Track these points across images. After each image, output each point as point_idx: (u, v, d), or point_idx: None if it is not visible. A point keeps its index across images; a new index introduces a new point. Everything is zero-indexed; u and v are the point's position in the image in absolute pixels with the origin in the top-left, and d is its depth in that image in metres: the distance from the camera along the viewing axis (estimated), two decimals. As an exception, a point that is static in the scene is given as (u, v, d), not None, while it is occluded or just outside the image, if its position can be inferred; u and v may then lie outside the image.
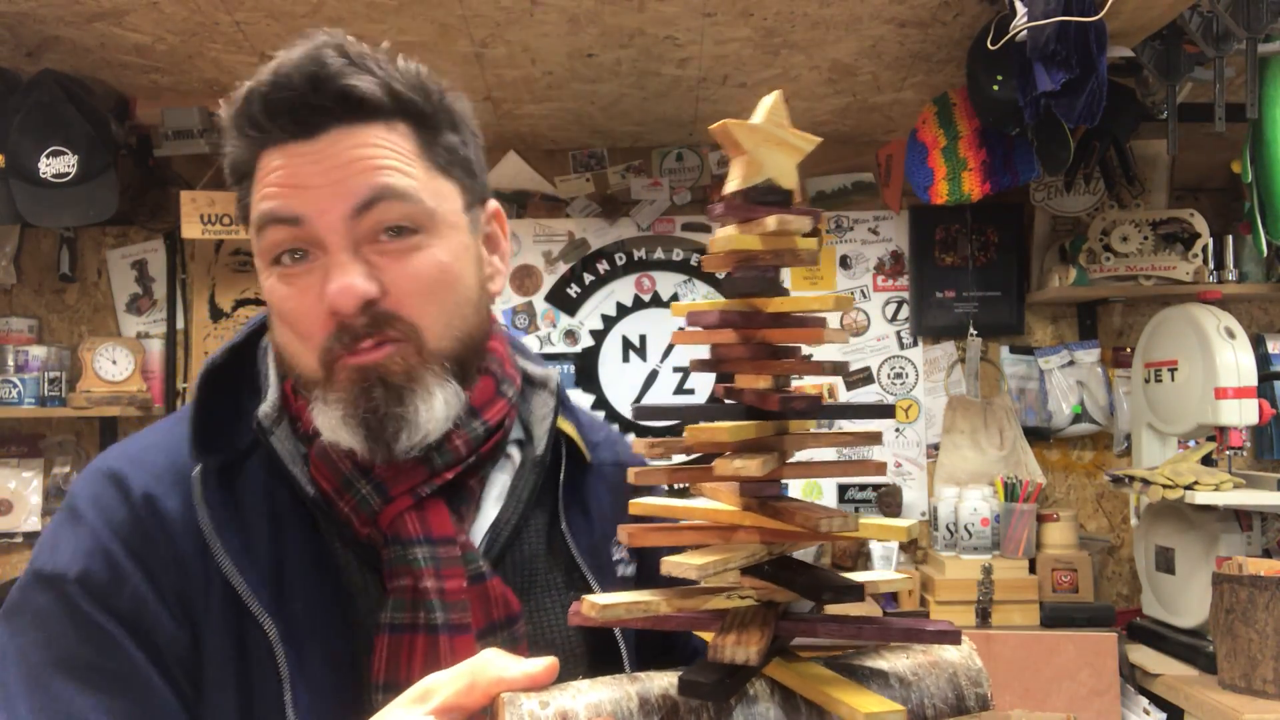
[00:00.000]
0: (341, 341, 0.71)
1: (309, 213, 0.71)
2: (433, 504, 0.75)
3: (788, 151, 0.56)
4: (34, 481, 2.84)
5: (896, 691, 0.54)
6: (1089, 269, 2.62)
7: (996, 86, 2.08)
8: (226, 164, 0.77)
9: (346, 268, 0.70)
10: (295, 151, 0.72)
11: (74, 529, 0.72)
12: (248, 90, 0.72)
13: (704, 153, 2.92)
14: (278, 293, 0.73)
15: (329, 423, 0.72)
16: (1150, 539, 2.46)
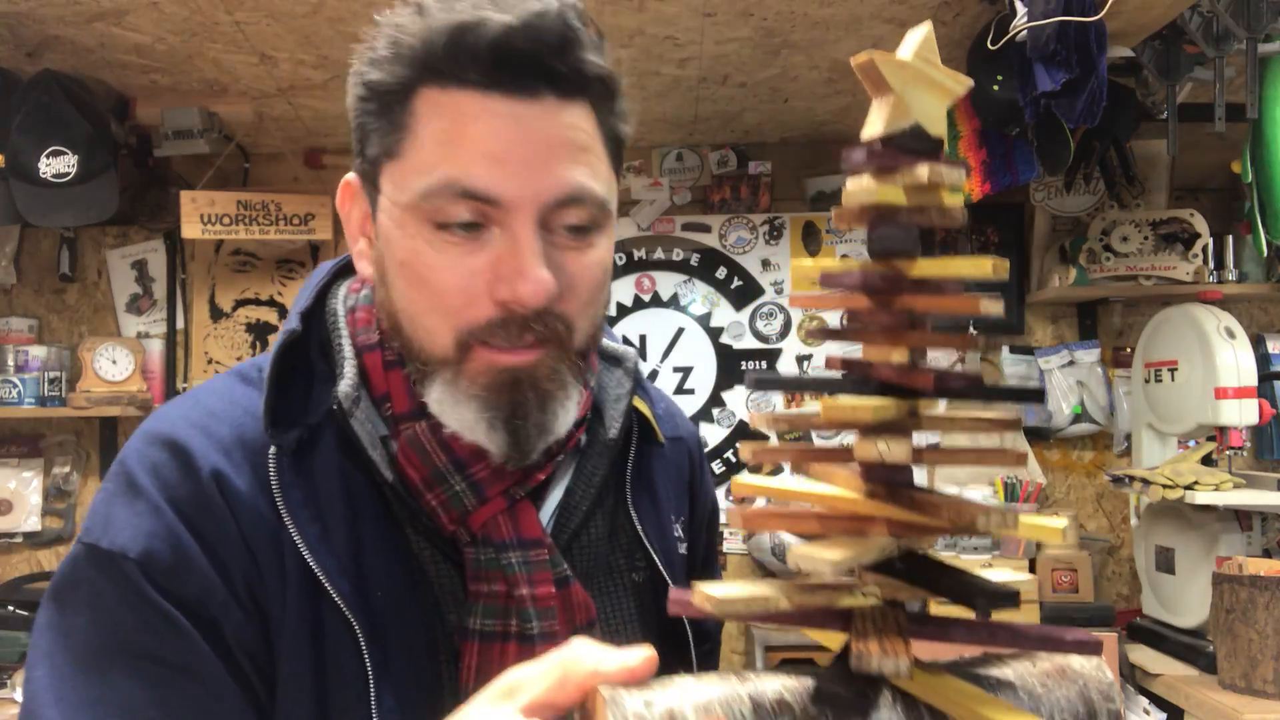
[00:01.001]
0: (506, 332, 0.66)
1: (509, 195, 0.64)
2: (523, 505, 0.72)
3: (938, 93, 0.47)
4: (34, 481, 2.84)
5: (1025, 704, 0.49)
6: (1089, 269, 2.62)
7: (996, 86, 2.08)
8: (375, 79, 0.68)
9: (539, 261, 0.65)
10: (502, 109, 0.65)
11: (132, 503, 0.65)
12: (473, 20, 0.63)
13: (704, 153, 2.92)
14: (427, 258, 0.66)
15: (464, 417, 0.67)
16: (1150, 539, 2.46)
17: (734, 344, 2.89)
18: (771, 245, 2.90)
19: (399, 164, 0.67)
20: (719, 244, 2.90)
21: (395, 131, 0.67)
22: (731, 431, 2.87)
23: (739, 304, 2.90)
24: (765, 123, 2.76)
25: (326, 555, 0.66)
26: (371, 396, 0.72)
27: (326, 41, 2.18)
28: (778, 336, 2.89)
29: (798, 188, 2.92)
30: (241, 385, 0.72)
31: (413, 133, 0.66)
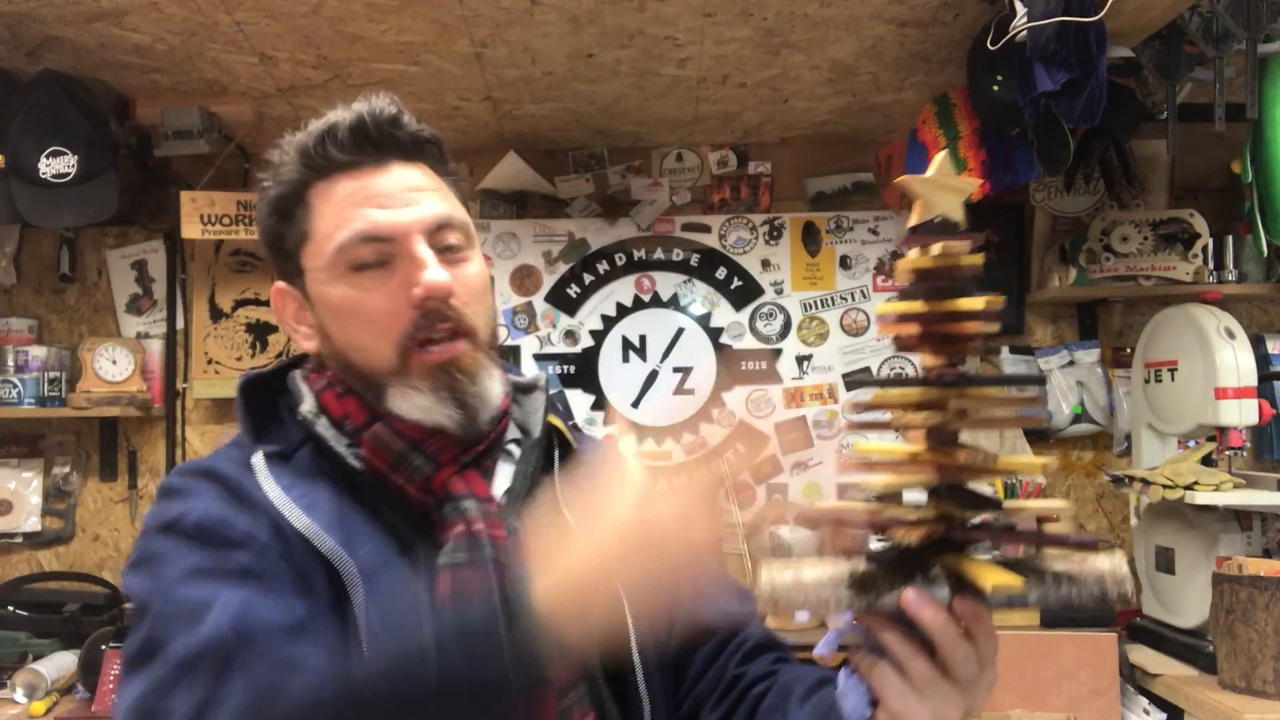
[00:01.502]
0: (423, 326, 0.87)
1: (398, 231, 0.88)
2: (470, 472, 0.91)
3: (953, 193, 0.75)
4: (34, 481, 2.84)
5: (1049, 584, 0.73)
6: (1089, 269, 2.62)
7: (996, 86, 2.08)
8: (275, 194, 0.93)
9: (436, 266, 0.88)
10: (370, 177, 0.90)
11: (179, 499, 0.84)
12: (331, 122, 0.91)
13: (704, 153, 2.92)
14: (352, 296, 0.89)
15: (422, 405, 0.88)
16: (1150, 539, 2.46)
17: (734, 344, 2.89)
18: (771, 245, 2.90)
19: (312, 241, 0.91)
20: (719, 244, 2.90)
21: (302, 223, 0.92)
22: (731, 431, 2.87)
23: (739, 304, 2.90)
24: (765, 123, 2.76)
25: (318, 516, 0.84)
26: (331, 419, 0.92)
27: (326, 41, 2.18)
28: (778, 336, 2.89)
29: (798, 188, 2.92)
30: (236, 447, 0.92)
31: (315, 217, 0.91)
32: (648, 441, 2.88)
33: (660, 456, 2.87)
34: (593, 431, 2.87)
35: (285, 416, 0.94)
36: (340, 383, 0.93)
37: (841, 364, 2.88)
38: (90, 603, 2.57)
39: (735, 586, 1.07)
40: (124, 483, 2.88)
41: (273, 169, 0.94)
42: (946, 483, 0.74)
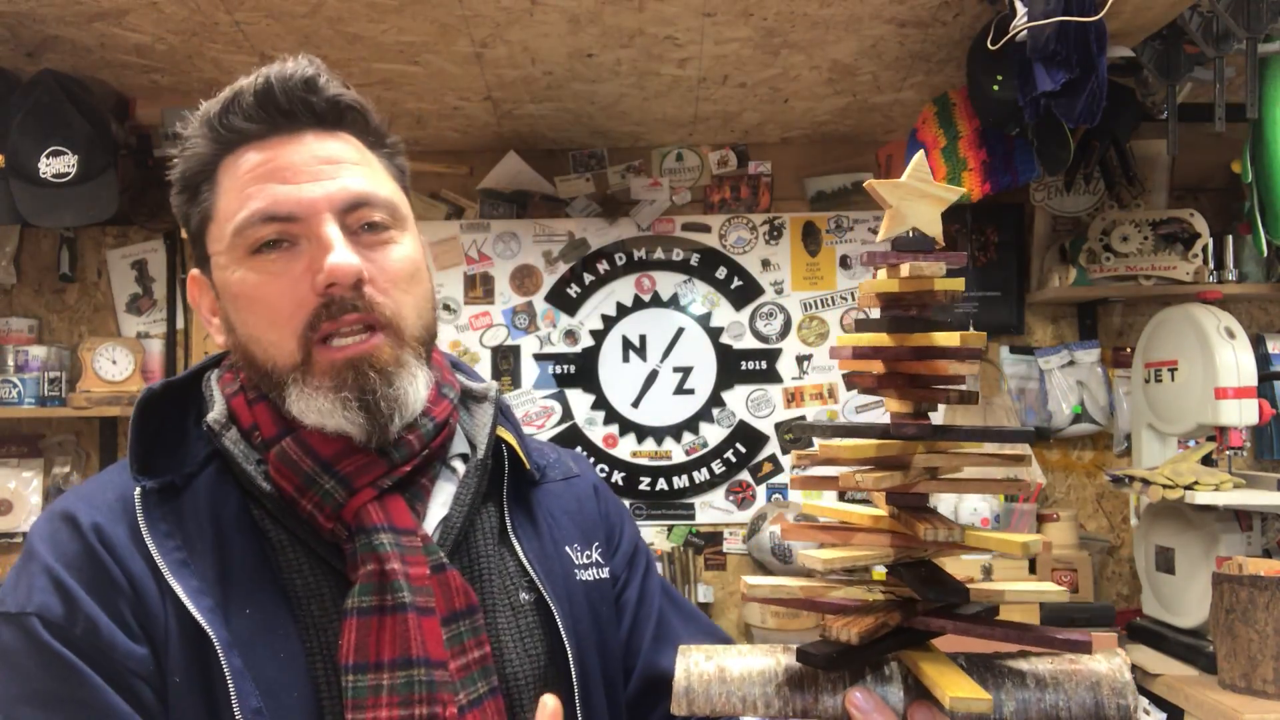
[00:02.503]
0: (327, 316, 0.76)
1: (301, 208, 0.77)
2: (392, 498, 0.79)
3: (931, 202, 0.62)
4: (34, 481, 2.84)
5: (1031, 691, 0.59)
6: (1089, 269, 2.62)
7: (996, 86, 2.08)
8: (182, 170, 0.82)
9: (342, 247, 0.76)
10: (279, 147, 0.79)
11: (31, 568, 0.75)
12: (236, 89, 0.81)
13: (704, 152, 2.92)
14: (251, 280, 0.78)
15: (321, 407, 0.76)
16: (1150, 539, 2.46)
17: (734, 344, 2.89)
18: (771, 245, 2.90)
19: (215, 223, 0.81)
20: (719, 244, 2.90)
21: (206, 200, 0.81)
22: (731, 431, 2.87)
23: (739, 304, 2.90)
24: (765, 123, 2.76)
25: (190, 577, 0.74)
26: (241, 430, 0.81)
27: (326, 41, 2.18)
28: (778, 336, 2.89)
29: (798, 188, 2.92)
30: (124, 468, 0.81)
31: (218, 194, 0.81)
32: (648, 441, 2.88)
33: (660, 456, 2.87)
34: (592, 434, 2.87)
35: (190, 430, 0.82)
36: (253, 386, 0.82)
37: (841, 364, 2.88)
38: (90, 603, 2.57)
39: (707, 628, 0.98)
40: (124, 483, 2.88)
41: (180, 142, 0.84)
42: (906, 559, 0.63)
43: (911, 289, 0.61)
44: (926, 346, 0.61)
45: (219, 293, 0.82)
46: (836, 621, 0.59)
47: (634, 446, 2.87)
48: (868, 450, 0.61)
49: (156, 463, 0.79)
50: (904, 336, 0.62)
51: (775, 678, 0.60)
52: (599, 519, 0.97)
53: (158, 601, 0.73)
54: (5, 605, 0.74)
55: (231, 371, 0.85)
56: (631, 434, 2.88)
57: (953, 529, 0.59)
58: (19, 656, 0.72)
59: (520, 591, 0.85)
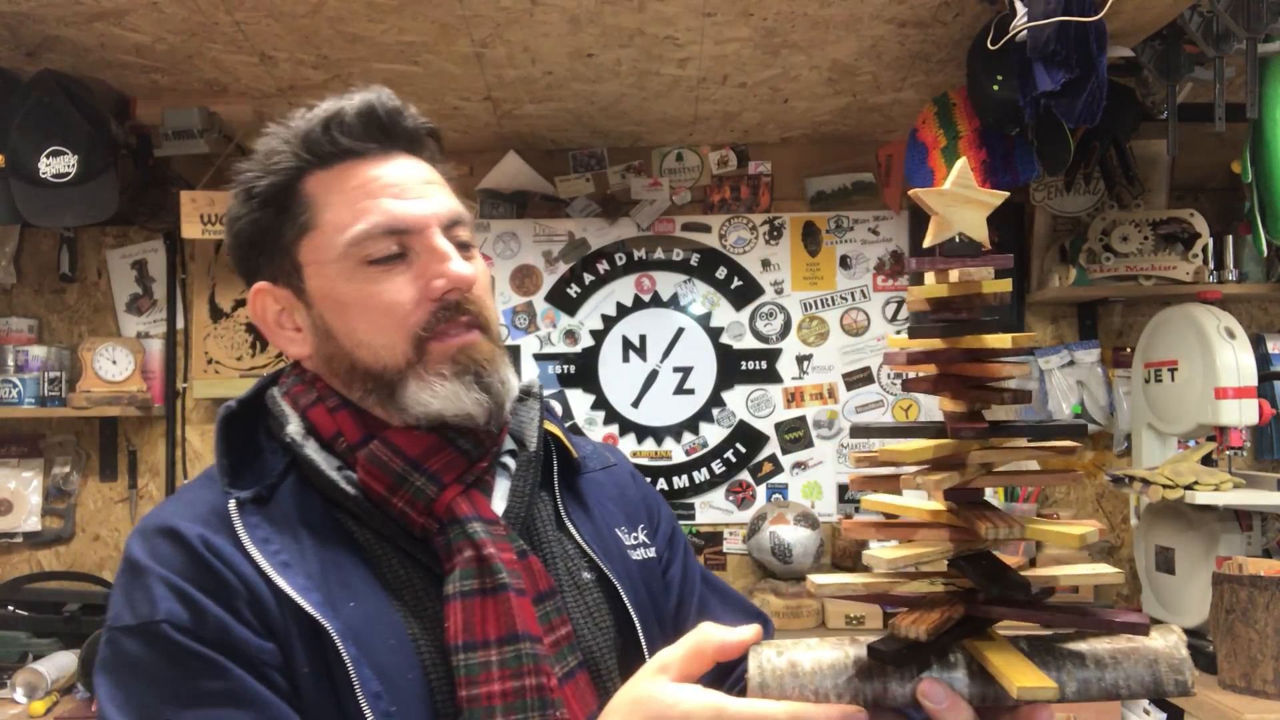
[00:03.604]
0: (443, 318, 0.83)
1: (418, 223, 0.84)
2: (474, 492, 0.86)
3: (976, 207, 0.63)
4: (34, 481, 2.84)
5: (1091, 671, 0.61)
6: (1089, 269, 2.62)
7: (996, 86, 2.08)
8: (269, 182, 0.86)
9: (456, 256, 0.85)
10: (379, 168, 0.86)
11: (143, 582, 0.76)
12: (333, 110, 0.86)
13: (704, 152, 2.92)
14: (365, 290, 0.83)
15: (447, 392, 0.82)
16: (1150, 539, 2.46)
17: (734, 344, 2.89)
18: (771, 245, 2.90)
19: (316, 234, 0.85)
20: (719, 244, 2.90)
21: (300, 215, 0.86)
22: (731, 431, 2.87)
23: (739, 304, 2.90)
24: (765, 123, 2.76)
25: (295, 575, 0.77)
26: (320, 440, 0.85)
27: (326, 41, 2.18)
28: (778, 336, 2.89)
29: (798, 188, 2.92)
30: (209, 481, 0.84)
31: (316, 208, 0.85)
32: (648, 441, 2.88)
33: (661, 456, 2.87)
34: (592, 434, 2.87)
35: (264, 445, 0.86)
36: (333, 394, 0.86)
37: (841, 364, 2.88)
38: (90, 602, 2.57)
39: (743, 605, 1.03)
40: (124, 483, 2.88)
41: (260, 158, 0.87)
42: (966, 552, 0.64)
43: (961, 293, 0.64)
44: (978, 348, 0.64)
45: (314, 301, 0.86)
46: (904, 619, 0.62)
47: (634, 446, 2.87)
48: (927, 452, 0.63)
49: (243, 476, 0.82)
50: (955, 339, 0.64)
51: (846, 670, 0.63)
52: (639, 503, 1.03)
53: (271, 601, 0.76)
54: (125, 620, 0.75)
55: (303, 384, 0.89)
56: (631, 434, 2.88)
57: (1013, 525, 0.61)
58: (153, 665, 0.73)
59: (582, 571, 0.90)
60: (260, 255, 0.88)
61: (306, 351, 0.88)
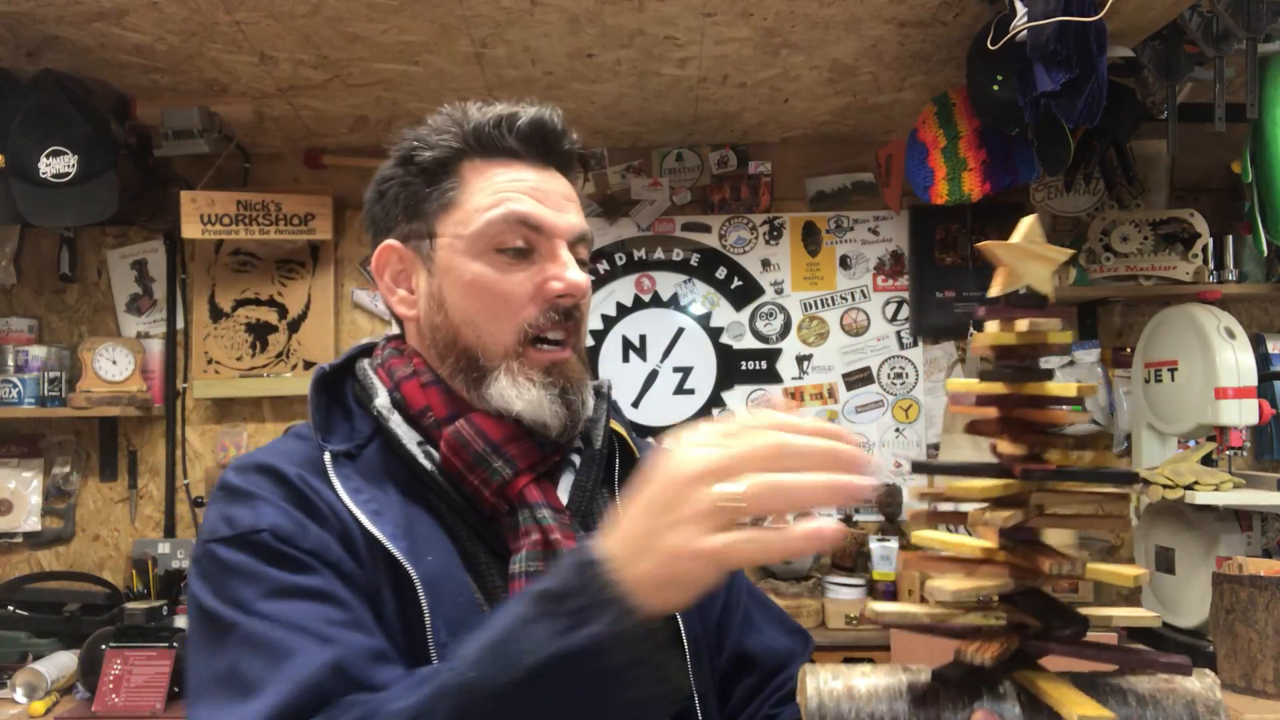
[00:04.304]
0: (550, 320, 0.88)
1: (554, 225, 0.90)
2: (544, 482, 0.90)
3: (1042, 263, 0.66)
4: (34, 481, 2.84)
5: (1133, 708, 0.64)
6: (1089, 269, 2.62)
7: (996, 86, 2.08)
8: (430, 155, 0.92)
9: (575, 265, 0.90)
10: (531, 173, 0.92)
11: (245, 503, 0.81)
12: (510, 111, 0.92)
13: (704, 153, 2.92)
14: (489, 275, 0.89)
15: (532, 396, 0.87)
16: (1150, 539, 2.46)
17: (734, 344, 2.89)
18: (771, 245, 2.90)
19: (457, 210, 0.91)
20: (719, 244, 2.90)
21: (449, 191, 0.91)
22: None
23: (739, 304, 2.90)
24: (765, 123, 2.76)
25: (385, 524, 0.82)
26: (408, 414, 0.90)
27: (326, 41, 2.18)
28: (778, 336, 2.89)
29: (798, 188, 2.92)
30: (298, 439, 0.89)
31: (465, 188, 0.91)
32: (648, 441, 2.88)
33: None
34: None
35: (354, 409, 0.91)
36: (427, 370, 0.91)
37: (841, 364, 2.88)
38: (90, 603, 2.57)
39: (784, 620, 1.06)
40: (124, 483, 2.88)
41: (426, 133, 0.93)
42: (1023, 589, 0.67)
43: (1027, 342, 0.66)
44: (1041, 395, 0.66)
45: (438, 270, 0.91)
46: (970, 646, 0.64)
47: (634, 446, 2.87)
48: (994, 490, 0.66)
49: (333, 434, 0.88)
50: (1019, 386, 0.67)
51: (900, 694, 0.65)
52: None
53: (362, 543, 0.80)
54: (222, 532, 0.79)
55: (400, 358, 0.93)
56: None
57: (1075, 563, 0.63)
58: (251, 566, 0.76)
59: None
60: (400, 214, 0.93)
61: (413, 314, 0.93)
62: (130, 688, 2.22)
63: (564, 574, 0.63)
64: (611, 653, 0.60)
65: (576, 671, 0.60)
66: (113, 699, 2.21)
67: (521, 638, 0.62)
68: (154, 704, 2.20)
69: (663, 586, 0.61)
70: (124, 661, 2.25)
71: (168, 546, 2.74)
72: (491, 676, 0.62)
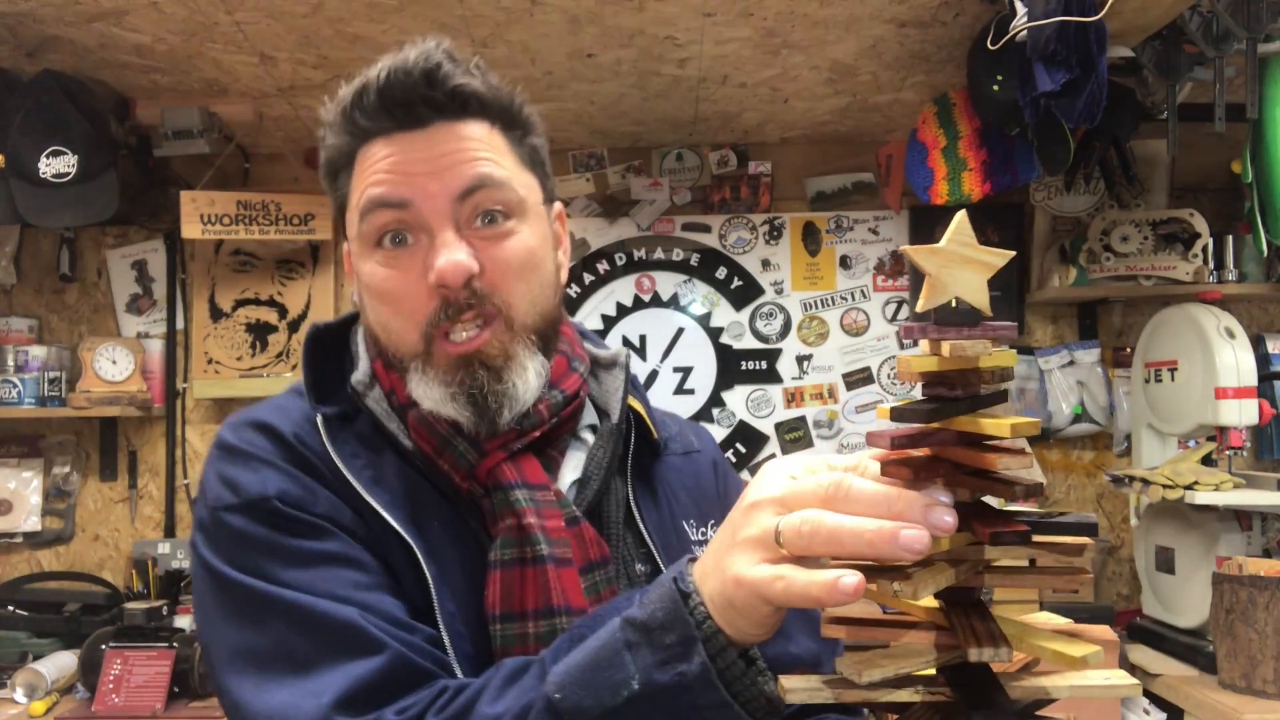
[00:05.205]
0: (446, 315, 0.79)
1: (416, 197, 0.79)
2: (524, 456, 0.84)
3: (976, 268, 0.56)
4: (34, 481, 2.84)
5: None
6: (1089, 269, 2.62)
7: (996, 86, 2.08)
8: (324, 158, 0.86)
9: (452, 246, 0.79)
10: (402, 141, 0.81)
11: (246, 464, 0.78)
12: (361, 84, 0.82)
13: (704, 153, 2.92)
14: (379, 274, 0.82)
15: (434, 397, 0.81)
16: (1150, 539, 2.46)
17: (734, 344, 2.89)
18: (771, 245, 2.90)
19: (349, 210, 0.85)
20: (719, 244, 2.90)
21: (340, 191, 0.86)
22: (731, 431, 2.87)
23: (739, 304, 2.90)
24: (765, 123, 2.76)
25: (382, 493, 0.79)
26: (383, 390, 0.86)
27: (326, 41, 2.18)
28: (778, 336, 2.89)
29: (798, 188, 2.92)
30: (296, 395, 0.86)
31: (351, 183, 0.84)
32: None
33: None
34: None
35: (347, 370, 0.88)
36: None
37: (841, 364, 2.88)
38: (90, 603, 2.57)
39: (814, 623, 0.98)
40: (124, 483, 2.88)
41: (322, 128, 0.87)
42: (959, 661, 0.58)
43: (955, 367, 0.55)
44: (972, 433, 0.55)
45: (355, 275, 0.86)
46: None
47: (634, 446, 2.87)
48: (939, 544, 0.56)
49: (328, 395, 0.84)
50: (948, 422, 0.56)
51: None
52: (716, 498, 0.98)
53: (363, 511, 0.78)
54: (228, 499, 0.76)
55: None
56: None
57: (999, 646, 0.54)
58: (264, 535, 0.74)
59: (636, 563, 0.88)
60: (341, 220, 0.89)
61: None
62: (130, 688, 2.22)
63: (658, 603, 0.62)
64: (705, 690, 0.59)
65: (669, 706, 0.60)
66: (113, 699, 2.21)
67: (618, 666, 0.61)
68: (154, 704, 2.20)
69: (724, 610, 0.60)
70: (124, 661, 2.25)
71: (168, 546, 2.74)
72: (581, 702, 0.61)
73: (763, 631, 0.60)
